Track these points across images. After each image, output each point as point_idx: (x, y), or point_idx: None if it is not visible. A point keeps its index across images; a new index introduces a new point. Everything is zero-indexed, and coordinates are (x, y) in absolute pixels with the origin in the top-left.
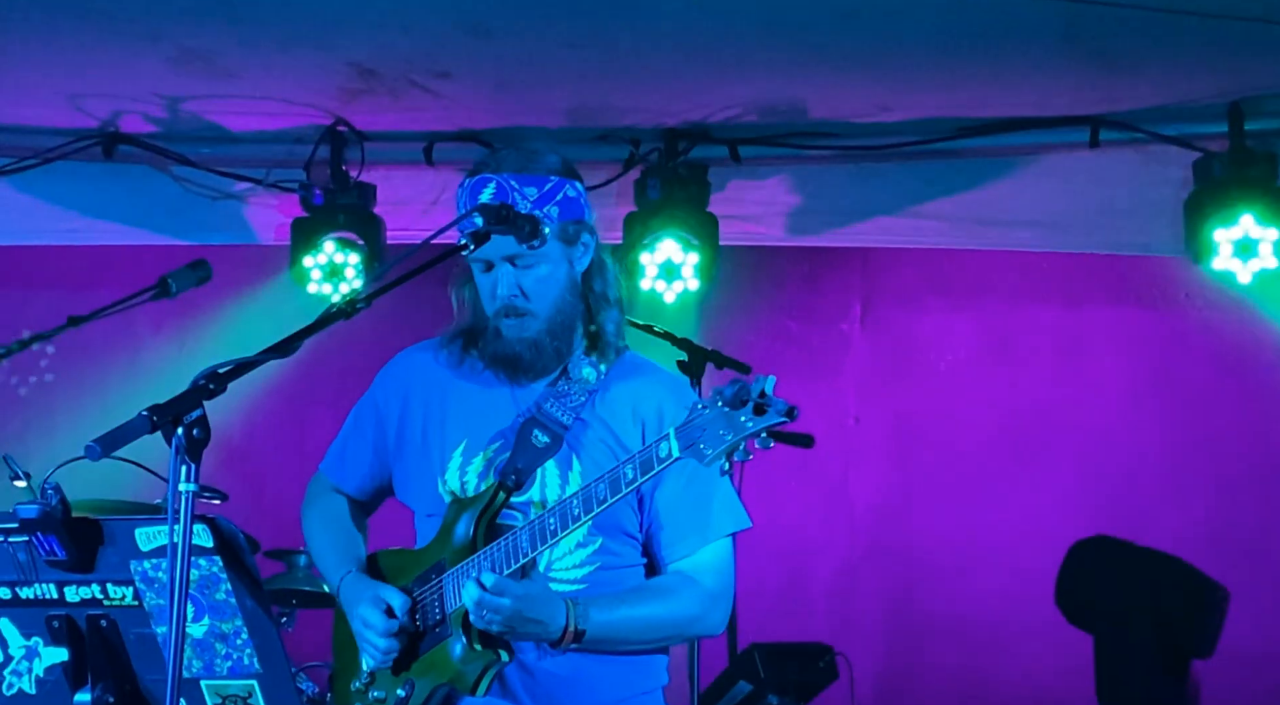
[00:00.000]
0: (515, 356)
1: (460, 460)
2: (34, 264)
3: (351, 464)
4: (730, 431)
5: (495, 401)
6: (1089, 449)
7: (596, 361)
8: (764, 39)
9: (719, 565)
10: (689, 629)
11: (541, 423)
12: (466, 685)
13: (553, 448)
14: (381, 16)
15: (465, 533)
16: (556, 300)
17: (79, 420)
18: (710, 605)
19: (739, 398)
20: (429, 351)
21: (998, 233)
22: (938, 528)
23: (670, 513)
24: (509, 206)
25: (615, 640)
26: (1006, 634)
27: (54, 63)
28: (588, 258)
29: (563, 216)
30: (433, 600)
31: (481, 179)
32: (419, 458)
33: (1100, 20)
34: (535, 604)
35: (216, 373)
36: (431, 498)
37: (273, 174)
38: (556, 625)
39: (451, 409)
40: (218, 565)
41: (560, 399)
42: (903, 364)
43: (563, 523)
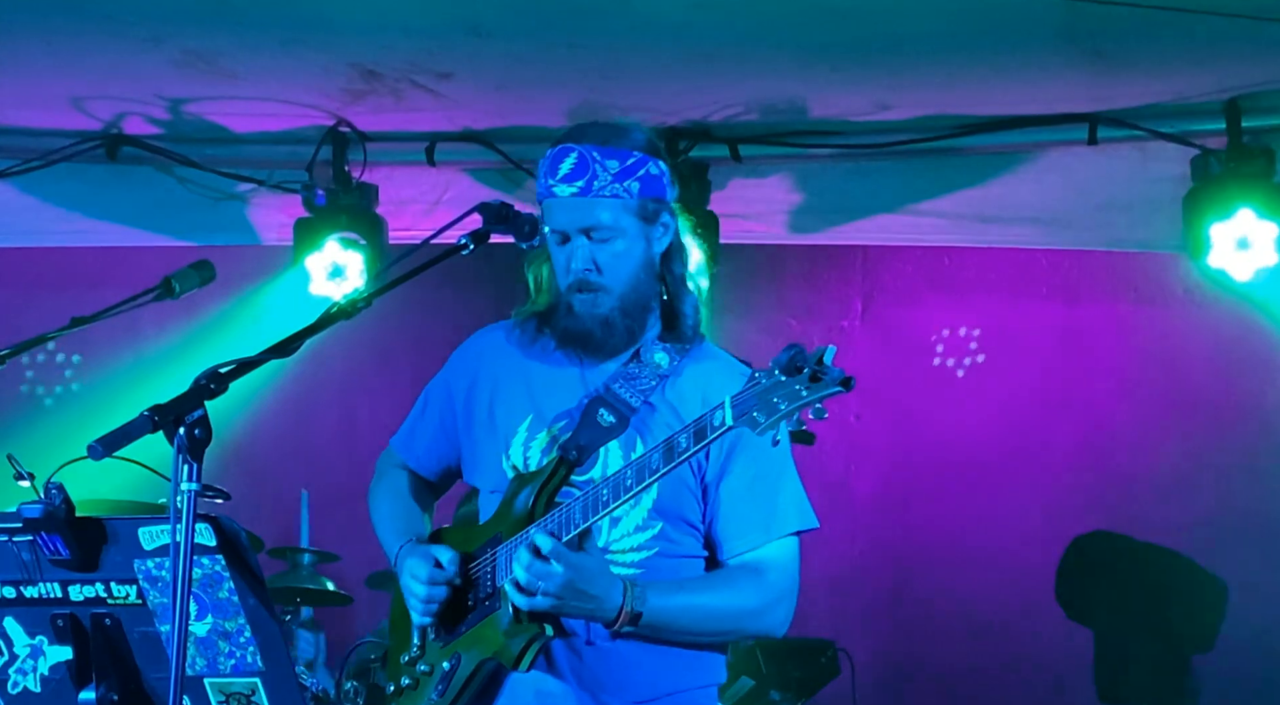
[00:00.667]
0: (586, 333)
1: (525, 436)
2: (38, 265)
3: (421, 442)
4: (784, 400)
5: (564, 380)
6: (1089, 444)
7: (670, 347)
8: (764, 38)
9: (783, 563)
10: (749, 624)
11: (608, 402)
12: (510, 658)
13: (617, 428)
14: (383, 18)
15: (524, 505)
16: (631, 278)
17: (85, 419)
18: (773, 601)
19: (794, 364)
20: (501, 331)
21: (997, 230)
22: (938, 523)
23: (735, 505)
24: (509, 206)
25: (672, 628)
26: (1006, 629)
27: (58, 65)
28: (667, 239)
29: (643, 193)
30: (485, 573)
31: (563, 148)
32: (485, 434)
33: (1098, 18)
34: (590, 577)
35: (218, 372)
36: (496, 473)
37: (275, 175)
38: (612, 604)
39: (519, 386)
40: (220, 564)
41: (630, 381)
42: (903, 361)
43: (615, 493)
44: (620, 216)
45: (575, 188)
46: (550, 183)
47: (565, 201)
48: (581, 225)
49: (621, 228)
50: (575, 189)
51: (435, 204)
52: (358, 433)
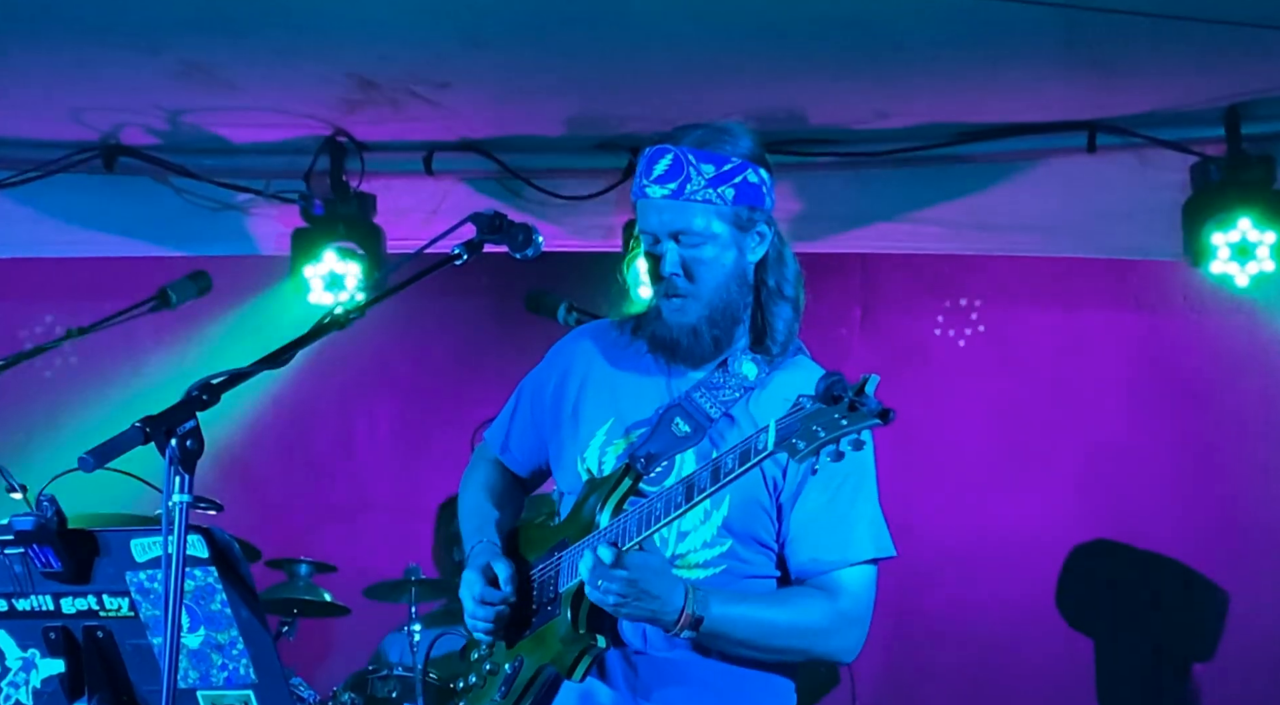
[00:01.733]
0: (673, 341)
1: (603, 439)
2: (35, 276)
3: (515, 439)
4: (824, 429)
5: (648, 386)
6: (1089, 453)
7: (760, 358)
8: (762, 46)
9: (858, 589)
10: (815, 643)
11: (686, 411)
12: (565, 666)
13: (692, 438)
14: (380, 28)
15: (590, 512)
16: (721, 286)
17: (80, 432)
18: (842, 625)
19: (830, 393)
20: (599, 331)
21: (996, 237)
22: (938, 533)
23: (809, 526)
24: (502, 215)
25: (733, 638)
26: (1008, 638)
27: (55, 76)
28: (762, 248)
29: (738, 200)
30: (549, 577)
31: (660, 149)
32: (568, 434)
33: (1097, 26)
34: (653, 578)
35: (210, 383)
36: (572, 475)
37: (273, 185)
38: (674, 606)
39: (604, 388)
40: (213, 576)
41: (712, 391)
42: (902, 369)
43: (667, 508)
44: (712, 222)
45: (668, 190)
46: (644, 183)
47: (657, 203)
48: (671, 229)
49: (713, 234)
50: (668, 191)
51: (433, 213)
52: (356, 442)
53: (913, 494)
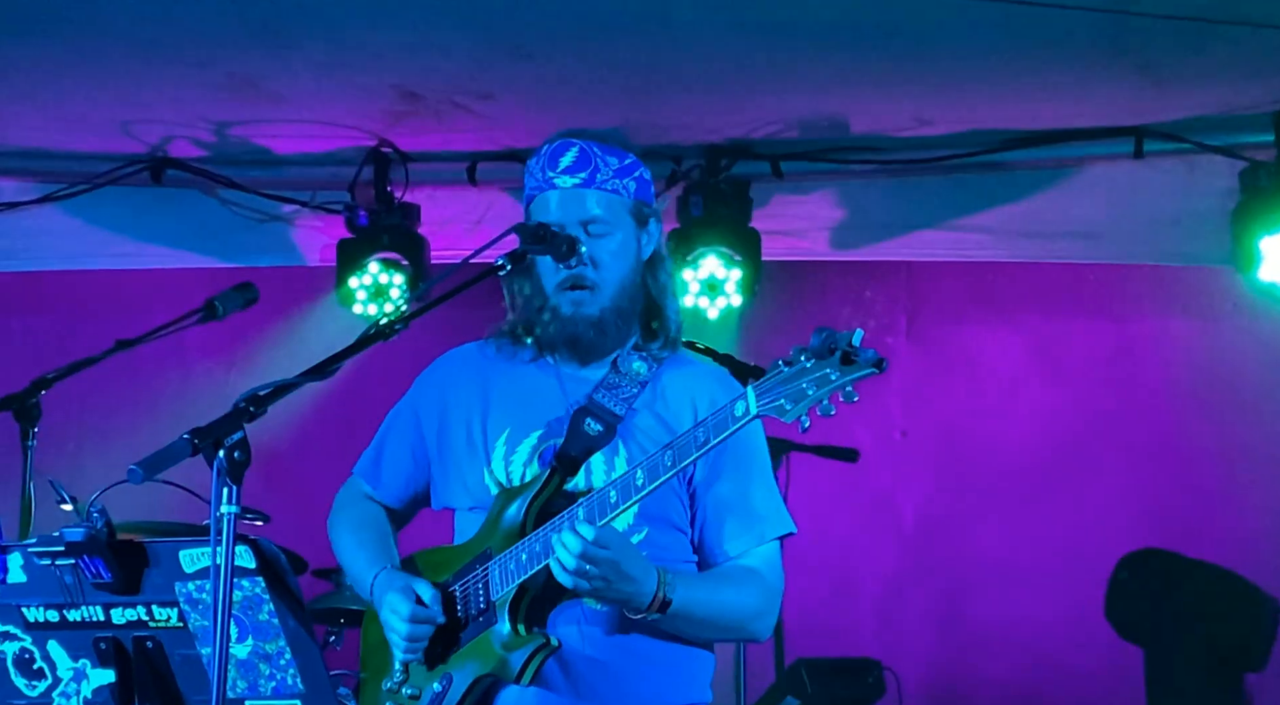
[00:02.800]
0: (575, 336)
1: (504, 449)
2: (83, 289)
3: (388, 469)
4: (814, 385)
5: (541, 389)
6: (1137, 461)
7: (646, 355)
8: (804, 54)
9: (776, 567)
10: (750, 624)
11: (593, 412)
12: (511, 673)
13: (605, 436)
14: (424, 40)
15: (514, 518)
16: (623, 279)
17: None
18: (770, 603)
19: (827, 347)
20: (472, 349)
21: (1042, 245)
22: (985, 542)
23: (724, 509)
24: (545, 226)
25: (691, 619)
26: (1055, 648)
27: (104, 89)
28: (652, 246)
29: (638, 194)
30: (476, 589)
31: (563, 142)
32: (464, 452)
33: (1144, 30)
34: (634, 561)
35: (257, 395)
36: (477, 489)
37: (318, 196)
38: (649, 588)
39: (495, 398)
40: (260, 586)
41: (611, 390)
42: (949, 378)
43: (624, 494)
44: (619, 213)
45: (578, 179)
46: (550, 175)
47: (567, 193)
48: (581, 217)
49: (619, 224)
50: (578, 180)
51: (477, 223)
52: None
53: (958, 503)
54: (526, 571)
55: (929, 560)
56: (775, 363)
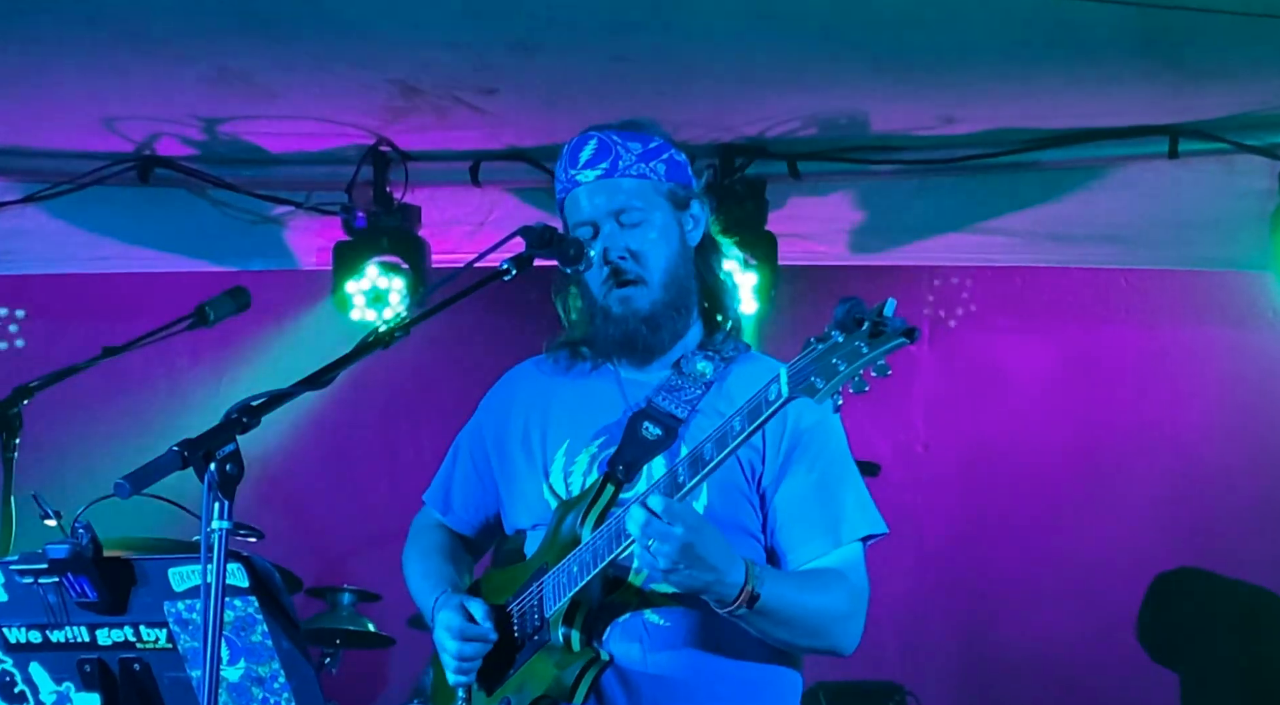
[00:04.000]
0: (630, 335)
1: (564, 460)
2: (67, 293)
3: (458, 495)
4: (844, 360)
5: (600, 396)
6: (1173, 475)
7: (713, 354)
8: (823, 49)
9: (859, 570)
10: (837, 629)
11: (652, 416)
12: (565, 691)
13: (665, 441)
14: (425, 33)
15: (570, 531)
16: (670, 267)
17: (116, 454)
18: (856, 609)
19: (853, 317)
20: (531, 365)
21: (1072, 249)
22: (1012, 559)
23: (799, 510)
24: (552, 229)
25: (779, 618)
26: (1086, 671)
27: (89, 85)
28: (699, 231)
29: (670, 176)
30: (532, 606)
31: (582, 137)
32: (524, 469)
33: (1178, 25)
34: (711, 542)
35: (249, 406)
36: (538, 506)
37: (313, 196)
38: (734, 578)
39: (554, 411)
40: (253, 606)
41: (673, 392)
42: (974, 387)
43: (669, 491)
44: (650, 198)
45: (599, 170)
46: (572, 173)
47: (590, 187)
48: (610, 208)
49: (652, 209)
50: (599, 171)
51: (480, 225)
52: (399, 466)
53: (987, 518)
54: (578, 583)
55: (953, 579)
56: (808, 341)
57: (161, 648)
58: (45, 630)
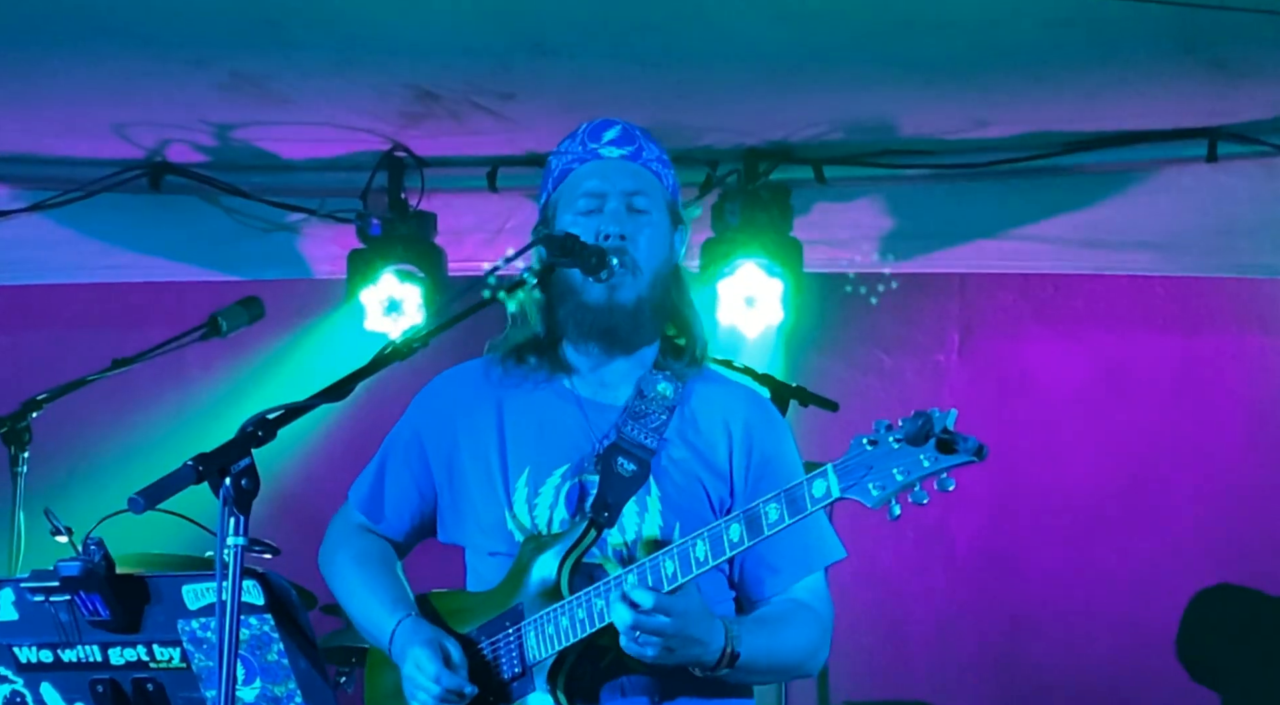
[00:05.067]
0: (611, 328)
1: (526, 490)
2: (77, 303)
3: (391, 502)
4: (905, 471)
5: (560, 419)
6: (1211, 489)
7: (670, 375)
8: (850, 51)
9: (825, 597)
10: (807, 663)
11: (624, 449)
12: None
13: (640, 476)
14: (441, 36)
15: (548, 576)
16: (659, 269)
17: (126, 468)
18: (824, 638)
19: (924, 432)
20: (477, 369)
21: (1108, 255)
22: (1046, 576)
23: (771, 542)
24: (574, 237)
25: (755, 669)
26: (1123, 692)
27: (99, 91)
28: (682, 251)
29: (673, 194)
30: (509, 650)
31: (606, 121)
32: (481, 489)
33: (1217, 23)
34: (697, 621)
35: (265, 419)
36: (498, 533)
37: (328, 204)
38: (716, 646)
39: (511, 431)
40: (269, 624)
41: (639, 420)
42: (1005, 398)
43: (684, 567)
44: (658, 199)
45: (625, 151)
46: (593, 146)
47: (615, 163)
48: (627, 188)
49: (658, 209)
50: (625, 152)
51: (498, 233)
52: None
53: (1018, 536)
54: (569, 638)
55: (984, 596)
56: (857, 439)
57: (175, 667)
58: (57, 649)
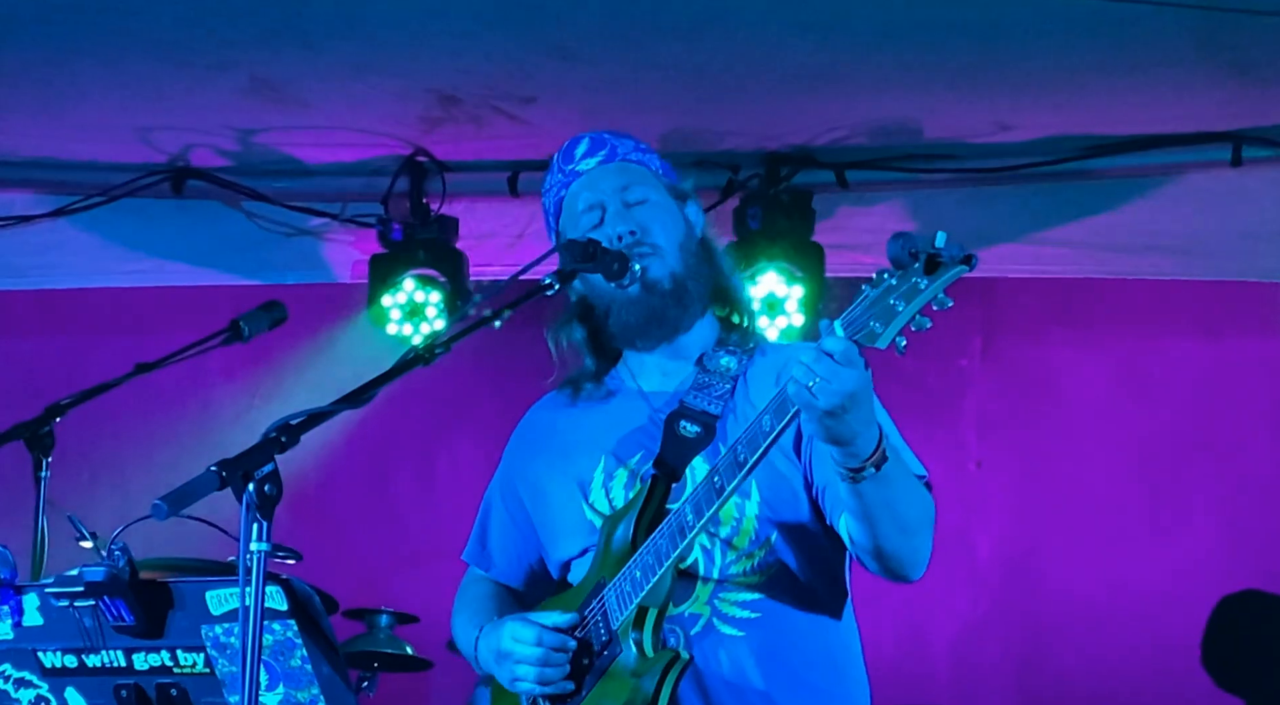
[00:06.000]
0: (657, 312)
1: (602, 477)
2: (99, 307)
3: (497, 547)
4: (903, 299)
5: (627, 413)
6: (1236, 494)
7: (735, 348)
8: (872, 55)
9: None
10: (922, 533)
11: (688, 414)
12: (646, 698)
13: (705, 438)
14: (463, 41)
15: (623, 540)
16: (680, 245)
17: (149, 473)
18: (931, 524)
19: (907, 251)
20: (544, 406)
21: (1131, 259)
22: (1070, 581)
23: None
24: (595, 243)
25: (889, 495)
26: (1148, 698)
27: (122, 96)
28: (699, 228)
29: (665, 175)
30: (597, 623)
31: (572, 140)
32: (561, 496)
33: (1242, 27)
34: (869, 396)
35: (288, 424)
36: (581, 528)
37: (349, 208)
38: (873, 433)
39: (581, 435)
40: (292, 630)
41: (703, 391)
42: (1028, 403)
43: (730, 474)
44: (650, 181)
45: (598, 157)
46: (569, 167)
47: (593, 173)
48: (616, 185)
49: (655, 191)
50: (598, 158)
51: (519, 238)
52: (437, 485)
53: (1040, 541)
54: (642, 588)
55: (1007, 602)
56: (861, 288)
57: (199, 673)
58: (81, 654)
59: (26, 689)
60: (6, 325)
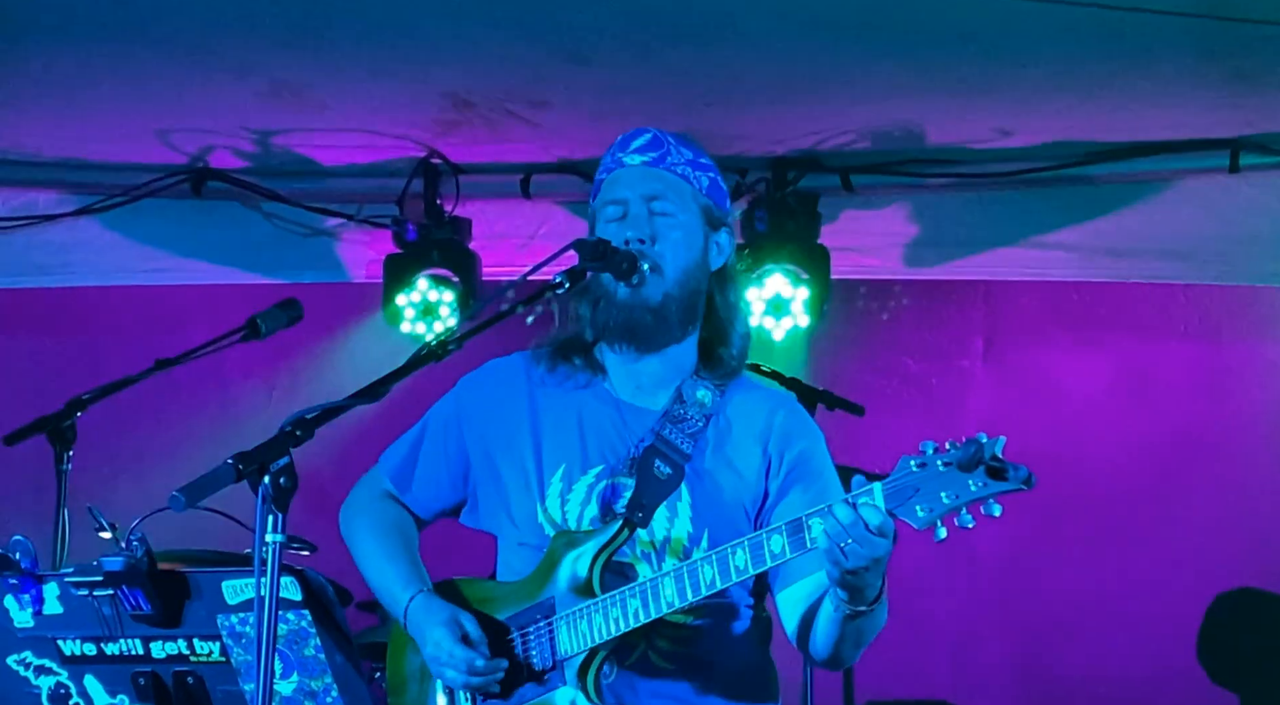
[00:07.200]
0: (634, 325)
1: (560, 486)
2: (121, 305)
3: (421, 475)
4: (952, 494)
5: (598, 420)
6: (1233, 494)
7: (710, 382)
8: (878, 61)
9: None
10: (864, 645)
11: (662, 451)
12: None
13: (674, 479)
14: (477, 45)
15: (580, 572)
16: (686, 270)
17: (168, 466)
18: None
19: (975, 459)
20: (520, 364)
21: (1130, 264)
22: (1069, 579)
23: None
24: (605, 242)
25: (872, 625)
26: (1144, 694)
27: (143, 98)
28: (723, 258)
29: (710, 193)
30: (541, 642)
31: (639, 129)
32: (515, 483)
33: (1240, 35)
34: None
35: (304, 419)
36: (528, 526)
37: (365, 209)
38: (880, 582)
39: (549, 428)
40: (306, 620)
41: (677, 424)
42: (1029, 404)
43: (724, 575)
44: (686, 201)
45: (648, 157)
46: (619, 155)
47: (634, 170)
48: (646, 192)
49: (685, 211)
50: (648, 158)
51: (531, 238)
52: None
53: (1041, 542)
54: (602, 636)
55: (1007, 599)
56: (904, 460)
57: (215, 661)
58: (100, 643)
59: (46, 676)
60: (30, 322)
